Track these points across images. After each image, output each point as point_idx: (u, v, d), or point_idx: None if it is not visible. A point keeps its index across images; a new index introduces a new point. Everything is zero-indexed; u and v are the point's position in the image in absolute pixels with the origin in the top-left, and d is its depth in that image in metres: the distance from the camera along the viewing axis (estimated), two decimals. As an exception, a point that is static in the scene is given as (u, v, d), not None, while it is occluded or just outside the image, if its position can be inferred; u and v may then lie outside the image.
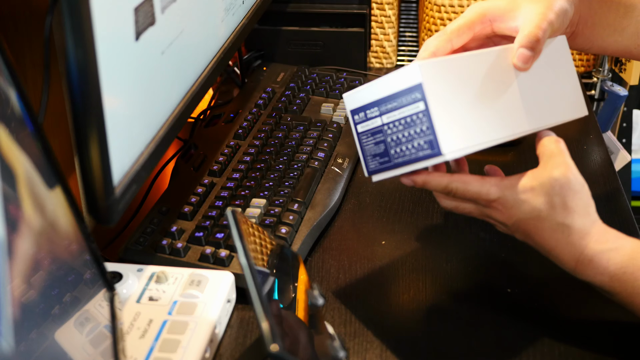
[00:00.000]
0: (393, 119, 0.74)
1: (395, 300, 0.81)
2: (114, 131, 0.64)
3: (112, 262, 0.81)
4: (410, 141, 0.73)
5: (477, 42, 0.81)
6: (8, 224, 0.49)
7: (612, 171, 1.03)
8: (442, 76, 0.72)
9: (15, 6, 0.82)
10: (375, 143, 0.77)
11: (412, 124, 0.72)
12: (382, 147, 0.76)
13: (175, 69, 0.78)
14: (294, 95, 1.14)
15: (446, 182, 0.74)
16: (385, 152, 0.76)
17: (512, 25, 0.78)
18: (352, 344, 0.75)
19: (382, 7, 1.29)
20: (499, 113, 0.76)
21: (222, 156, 0.98)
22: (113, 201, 0.65)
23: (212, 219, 0.87)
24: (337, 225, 0.93)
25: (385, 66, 1.33)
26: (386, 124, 0.75)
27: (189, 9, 0.80)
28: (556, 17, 0.77)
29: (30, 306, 0.52)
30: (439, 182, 0.74)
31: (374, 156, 0.78)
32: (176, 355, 0.69)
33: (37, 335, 0.53)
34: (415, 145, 0.73)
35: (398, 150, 0.75)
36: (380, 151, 0.76)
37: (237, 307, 0.80)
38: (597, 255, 0.70)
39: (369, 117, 0.76)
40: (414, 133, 0.72)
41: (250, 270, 0.60)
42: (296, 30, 1.28)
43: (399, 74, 0.72)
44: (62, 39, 0.58)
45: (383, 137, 0.76)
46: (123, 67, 0.65)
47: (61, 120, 0.81)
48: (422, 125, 0.71)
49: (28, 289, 0.52)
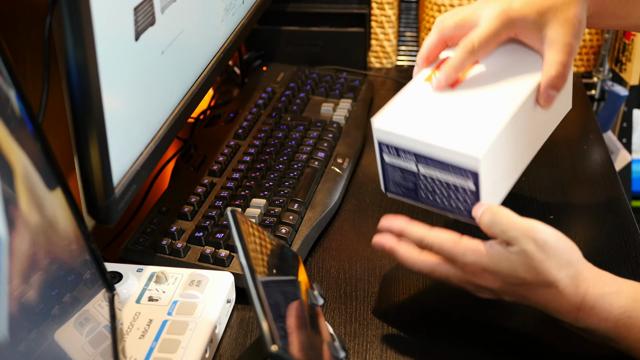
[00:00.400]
0: (433, 176, 0.72)
1: (395, 300, 0.81)
2: (113, 131, 0.64)
3: (112, 262, 0.81)
4: (447, 199, 0.72)
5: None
6: (7, 223, 0.49)
7: (612, 171, 1.03)
8: (493, 159, 0.71)
9: (15, 6, 0.82)
10: (404, 178, 0.74)
11: (454, 190, 0.71)
12: (410, 185, 0.74)
13: (175, 69, 0.78)
14: (294, 95, 1.14)
15: (423, 234, 0.71)
16: (414, 190, 0.74)
17: (538, 45, 0.78)
18: (352, 344, 0.75)
19: (382, 7, 1.29)
20: (522, 156, 0.77)
21: (222, 156, 0.98)
22: (113, 201, 0.65)
23: (212, 219, 0.87)
24: (337, 225, 0.93)
25: (385, 66, 1.33)
26: (423, 175, 0.73)
27: (189, 9, 0.80)
28: (578, 42, 0.76)
29: (30, 306, 0.52)
30: (415, 232, 0.72)
31: (397, 185, 0.76)
32: (176, 355, 0.69)
33: (37, 335, 0.53)
34: (452, 205, 0.72)
35: (430, 197, 0.73)
36: (408, 186, 0.75)
37: (237, 307, 0.80)
38: (599, 301, 0.67)
39: (402, 157, 0.73)
40: (454, 197, 0.72)
41: (250, 270, 0.60)
42: (296, 30, 1.28)
43: (453, 152, 0.69)
44: (62, 39, 0.58)
45: (415, 180, 0.74)
46: (123, 67, 0.65)
47: (61, 120, 0.81)
48: (465, 197, 0.71)
49: (27, 289, 0.52)
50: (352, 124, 1.09)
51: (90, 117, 0.61)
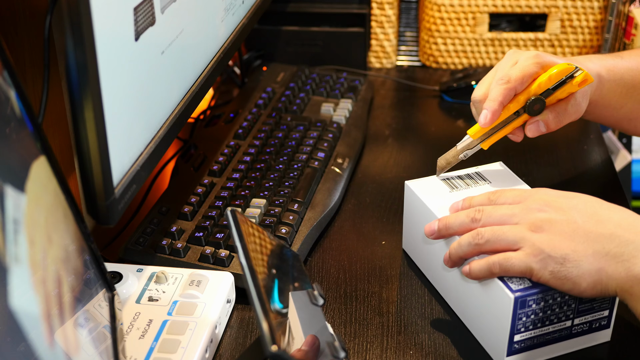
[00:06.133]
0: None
1: (395, 300, 0.81)
2: (113, 131, 0.64)
3: (112, 262, 0.82)
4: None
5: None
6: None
7: (612, 171, 1.03)
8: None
9: (15, 6, 0.82)
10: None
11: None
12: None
13: (175, 69, 0.78)
14: (294, 95, 1.14)
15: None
16: None
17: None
18: (352, 344, 0.75)
19: (382, 7, 1.29)
20: None
21: (222, 156, 0.98)
22: (113, 201, 0.65)
23: (212, 219, 0.87)
24: (337, 225, 0.93)
25: (385, 66, 1.33)
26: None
27: (189, 9, 0.80)
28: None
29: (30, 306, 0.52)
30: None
31: None
32: (176, 355, 0.69)
33: (36, 335, 0.52)
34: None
35: None
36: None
37: (237, 307, 0.80)
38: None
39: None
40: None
41: (250, 270, 0.60)
42: (296, 30, 1.28)
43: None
44: (62, 39, 0.58)
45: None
46: (123, 67, 0.65)
47: (61, 120, 0.81)
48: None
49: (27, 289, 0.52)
50: (352, 124, 1.09)
51: (90, 116, 0.61)
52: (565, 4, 1.26)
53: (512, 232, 0.69)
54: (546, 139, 0.89)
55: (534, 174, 1.01)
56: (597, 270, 0.65)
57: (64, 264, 0.58)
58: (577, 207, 0.69)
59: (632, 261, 0.64)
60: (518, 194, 0.73)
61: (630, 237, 0.66)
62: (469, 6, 1.26)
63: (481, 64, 1.31)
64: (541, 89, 0.81)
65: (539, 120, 0.83)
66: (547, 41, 1.28)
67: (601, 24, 1.27)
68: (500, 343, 0.71)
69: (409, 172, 1.03)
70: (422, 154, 1.09)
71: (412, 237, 0.85)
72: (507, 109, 0.81)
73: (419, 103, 1.22)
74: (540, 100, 0.81)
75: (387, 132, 1.14)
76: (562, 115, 0.83)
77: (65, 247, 0.59)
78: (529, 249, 0.68)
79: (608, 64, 0.87)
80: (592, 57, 0.88)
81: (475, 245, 0.71)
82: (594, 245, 0.66)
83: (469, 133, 0.83)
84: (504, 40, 1.29)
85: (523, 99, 0.81)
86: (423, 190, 0.81)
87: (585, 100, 0.85)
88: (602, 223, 0.67)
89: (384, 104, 1.22)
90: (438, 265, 0.79)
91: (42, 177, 0.56)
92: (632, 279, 0.64)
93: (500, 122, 0.82)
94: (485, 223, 0.72)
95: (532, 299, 0.68)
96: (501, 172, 0.84)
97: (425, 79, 1.29)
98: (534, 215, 0.69)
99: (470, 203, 0.75)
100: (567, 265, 0.66)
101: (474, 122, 0.82)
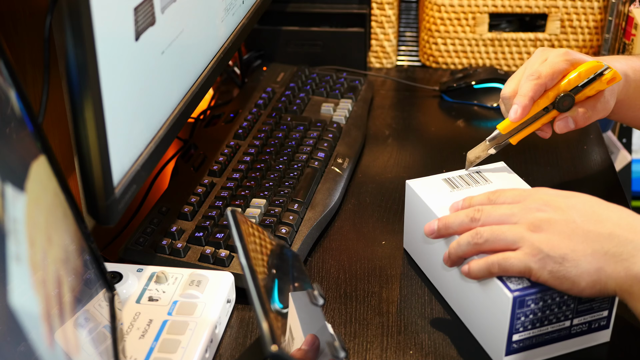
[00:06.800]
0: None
1: (395, 300, 0.81)
2: (113, 131, 0.64)
3: (112, 262, 0.81)
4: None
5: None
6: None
7: (612, 171, 1.03)
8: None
9: (15, 6, 0.82)
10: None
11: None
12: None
13: (175, 69, 0.78)
14: (294, 95, 1.14)
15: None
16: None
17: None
18: (352, 344, 0.75)
19: (382, 7, 1.29)
20: None
21: (222, 156, 0.98)
22: (113, 201, 0.65)
23: (212, 219, 0.87)
24: (337, 225, 0.93)
25: (385, 66, 1.33)
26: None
27: (189, 9, 0.80)
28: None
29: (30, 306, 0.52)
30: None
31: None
32: (176, 355, 0.69)
33: (36, 335, 0.52)
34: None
35: None
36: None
37: (237, 307, 0.80)
38: None
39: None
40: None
41: (250, 270, 0.60)
42: (296, 30, 1.28)
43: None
44: (62, 39, 0.58)
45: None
46: (123, 67, 0.65)
47: (61, 120, 0.81)
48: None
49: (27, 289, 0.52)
50: (352, 124, 1.09)
51: (90, 116, 0.61)
52: (565, 4, 1.26)
53: (511, 231, 0.69)
54: (546, 139, 0.89)
55: (534, 174, 1.01)
56: (596, 269, 0.65)
57: (64, 264, 0.58)
58: (576, 206, 0.69)
59: (631, 260, 0.64)
60: (517, 194, 0.73)
61: (629, 237, 0.65)
62: (469, 6, 1.27)
63: (481, 64, 1.31)
64: (570, 86, 0.82)
65: (568, 117, 0.84)
66: (547, 41, 1.28)
67: (601, 24, 1.27)
68: (499, 342, 0.71)
69: (409, 172, 1.03)
70: (422, 154, 1.09)
71: (413, 237, 0.85)
72: (537, 104, 0.82)
73: (419, 103, 1.22)
74: (569, 97, 0.82)
75: (387, 132, 1.14)
76: (591, 112, 0.84)
77: (65, 247, 0.59)
78: (527, 249, 0.68)
79: (635, 64, 0.88)
80: (618, 58, 0.89)
81: (474, 245, 0.71)
82: (593, 245, 0.66)
83: (498, 128, 0.83)
84: (504, 40, 1.29)
85: (552, 96, 0.82)
86: (424, 189, 0.81)
87: (613, 98, 0.85)
88: (601, 222, 0.67)
89: (384, 104, 1.22)
90: (438, 265, 0.79)
91: (42, 177, 0.56)
92: (631, 278, 0.64)
93: (529, 118, 0.83)
94: (485, 222, 0.72)
95: (530, 299, 0.68)
96: (503, 172, 0.84)
97: (425, 79, 1.29)
98: (533, 215, 0.69)
99: (470, 203, 0.75)
100: (566, 265, 0.66)
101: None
